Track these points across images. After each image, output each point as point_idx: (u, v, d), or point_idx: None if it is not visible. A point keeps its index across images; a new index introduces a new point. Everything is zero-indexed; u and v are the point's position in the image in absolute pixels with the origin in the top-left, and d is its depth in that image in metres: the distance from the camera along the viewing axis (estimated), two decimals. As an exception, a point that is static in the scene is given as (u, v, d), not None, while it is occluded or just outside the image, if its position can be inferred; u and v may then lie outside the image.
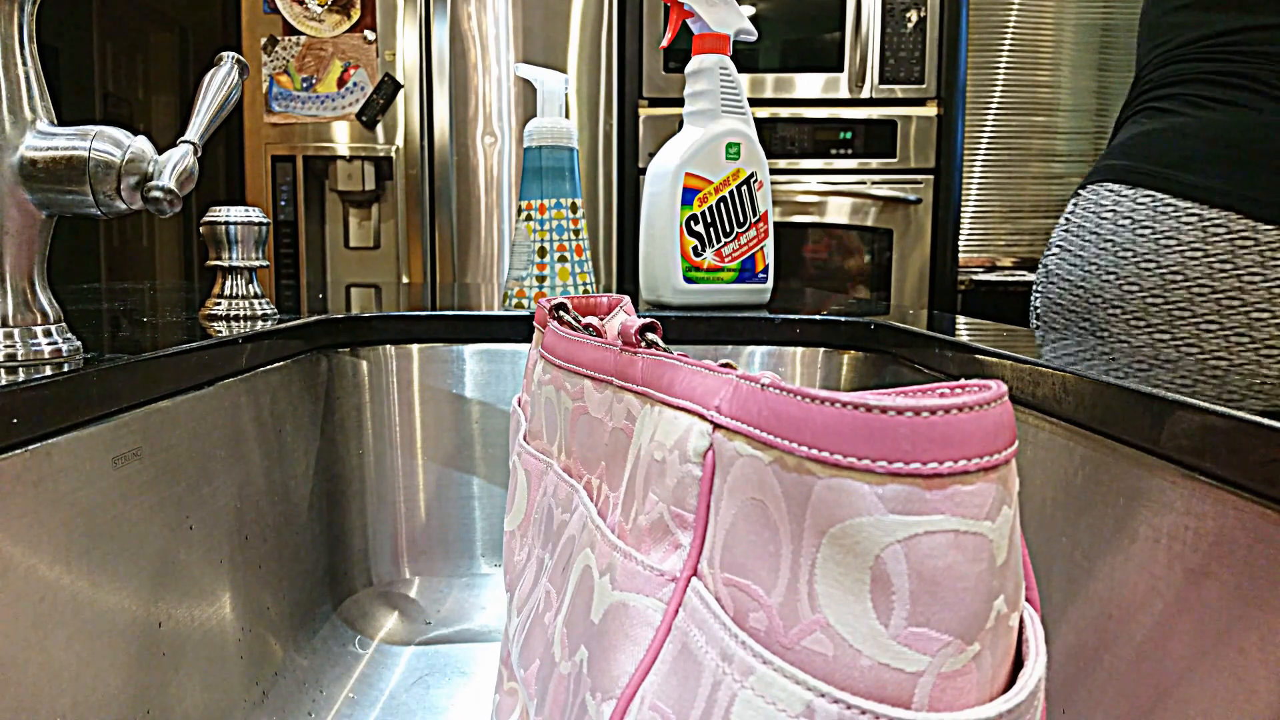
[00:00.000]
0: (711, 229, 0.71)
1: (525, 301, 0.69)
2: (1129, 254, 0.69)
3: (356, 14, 1.99)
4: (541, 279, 0.69)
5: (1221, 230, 0.65)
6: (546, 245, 0.69)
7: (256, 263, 0.59)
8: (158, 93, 3.65)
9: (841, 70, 2.03)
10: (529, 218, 0.70)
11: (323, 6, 1.98)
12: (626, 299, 0.35)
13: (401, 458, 0.66)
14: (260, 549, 0.51)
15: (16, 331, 0.35)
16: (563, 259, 0.69)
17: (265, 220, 0.59)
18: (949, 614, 0.15)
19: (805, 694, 0.16)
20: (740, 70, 1.34)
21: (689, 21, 0.72)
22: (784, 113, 2.04)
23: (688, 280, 0.71)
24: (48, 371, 0.33)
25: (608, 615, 0.23)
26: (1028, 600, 0.18)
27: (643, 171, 2.02)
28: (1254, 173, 0.66)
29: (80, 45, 3.24)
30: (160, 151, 0.37)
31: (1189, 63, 0.74)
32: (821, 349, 0.66)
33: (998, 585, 0.15)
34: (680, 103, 1.44)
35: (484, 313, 0.66)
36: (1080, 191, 0.79)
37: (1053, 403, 0.37)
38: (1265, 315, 0.64)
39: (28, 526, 0.31)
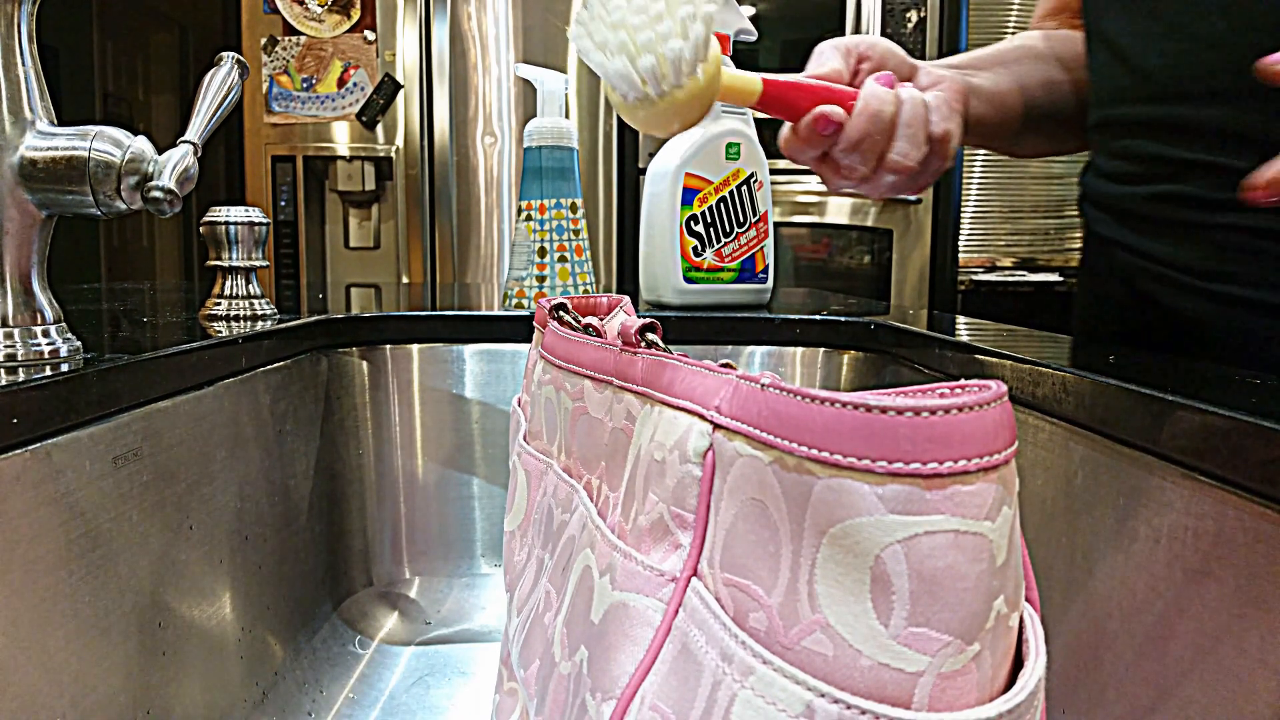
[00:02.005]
0: (711, 229, 0.71)
1: (525, 301, 0.69)
2: None
3: (356, 14, 1.99)
4: (541, 279, 0.69)
5: None
6: (546, 245, 0.69)
7: (256, 263, 0.59)
8: (158, 93, 3.65)
9: (841, 70, 2.03)
10: (529, 218, 0.70)
11: (323, 6, 1.98)
12: (626, 299, 0.35)
13: (401, 458, 0.66)
14: (260, 549, 0.51)
15: (16, 331, 0.35)
16: (563, 259, 0.69)
17: (265, 220, 0.59)
18: (949, 614, 0.15)
19: (805, 694, 0.16)
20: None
21: (689, 21, 0.71)
22: (784, 113, 2.04)
23: (688, 280, 0.71)
24: (48, 371, 0.33)
25: (608, 615, 0.23)
26: (1028, 600, 0.18)
27: (643, 171, 2.02)
28: None
29: (80, 45, 3.24)
30: (160, 151, 0.37)
31: None
32: (821, 349, 0.66)
33: (998, 585, 0.15)
34: (680, 103, 1.44)
35: (484, 313, 0.66)
36: None
37: (1053, 403, 0.37)
38: None
39: (28, 526, 0.31)
